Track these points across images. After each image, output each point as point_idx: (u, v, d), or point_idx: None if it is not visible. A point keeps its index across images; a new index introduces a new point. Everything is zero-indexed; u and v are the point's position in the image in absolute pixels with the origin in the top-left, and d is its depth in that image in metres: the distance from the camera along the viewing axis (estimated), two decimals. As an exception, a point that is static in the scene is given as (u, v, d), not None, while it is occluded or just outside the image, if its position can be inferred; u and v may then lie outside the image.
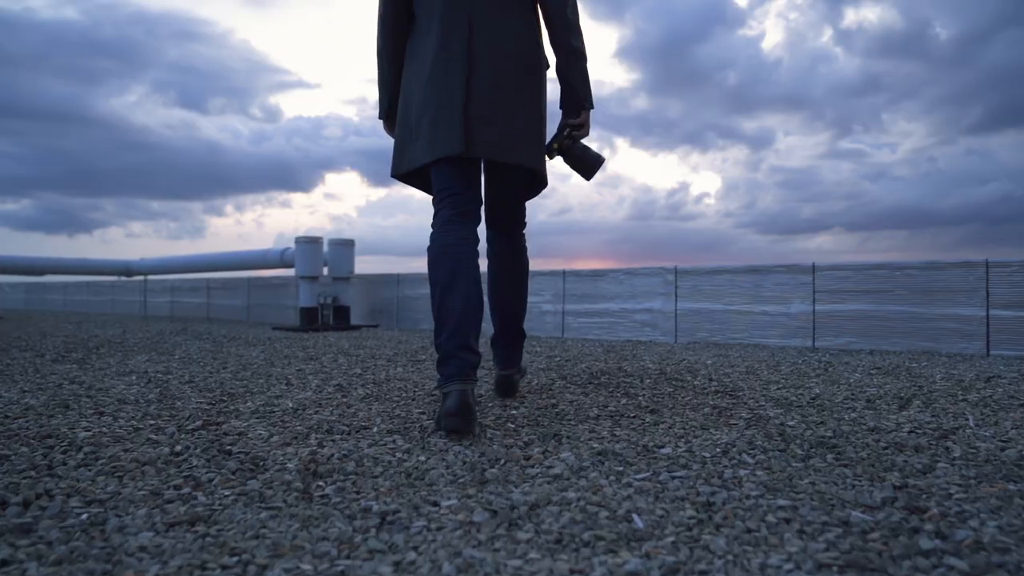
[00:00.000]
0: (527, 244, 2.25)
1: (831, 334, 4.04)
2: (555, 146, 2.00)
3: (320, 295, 6.21)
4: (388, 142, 2.13)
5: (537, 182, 2.09)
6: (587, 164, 2.03)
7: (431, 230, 1.89)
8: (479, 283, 1.83)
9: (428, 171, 1.98)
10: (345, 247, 6.32)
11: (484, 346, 3.71)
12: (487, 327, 3.96)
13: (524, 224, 2.23)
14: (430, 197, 1.98)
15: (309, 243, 6.07)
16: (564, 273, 5.18)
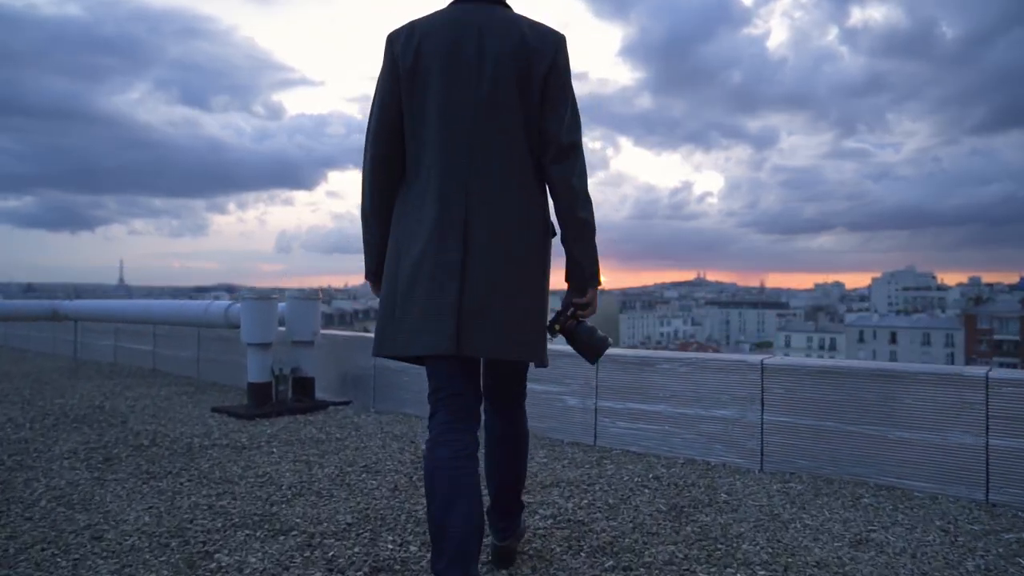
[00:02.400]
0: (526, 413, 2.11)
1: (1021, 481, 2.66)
2: (557, 327, 1.86)
3: (275, 365, 4.82)
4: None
5: (537, 365, 1.85)
6: (593, 348, 1.87)
7: (428, 429, 1.80)
8: (480, 498, 1.71)
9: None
10: (307, 303, 4.93)
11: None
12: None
13: (524, 396, 2.09)
14: None
15: (258, 301, 4.68)
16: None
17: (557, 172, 1.79)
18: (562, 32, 1.84)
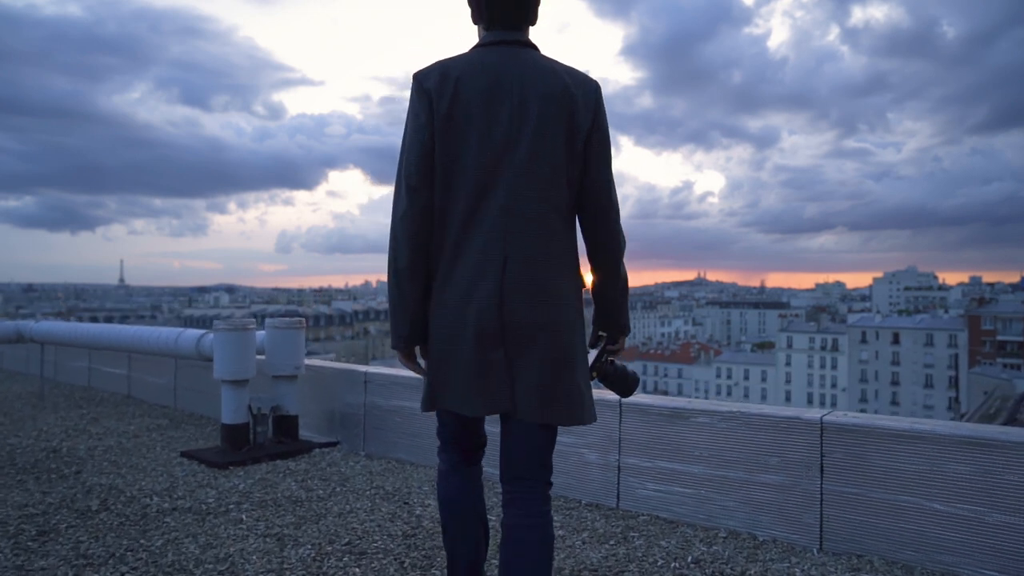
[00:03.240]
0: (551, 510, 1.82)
1: None
2: (594, 374, 1.89)
3: (253, 403, 4.29)
4: (392, 141, 0.91)
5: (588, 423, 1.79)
6: (627, 384, 1.95)
7: (437, 462, 1.96)
8: (486, 522, 1.95)
9: None
10: (289, 332, 4.39)
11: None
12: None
13: (550, 471, 1.79)
14: None
15: (233, 332, 4.14)
16: (620, 405, 3.26)
17: (603, 231, 1.79)
18: (597, 80, 1.81)
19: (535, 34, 1.82)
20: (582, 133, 1.73)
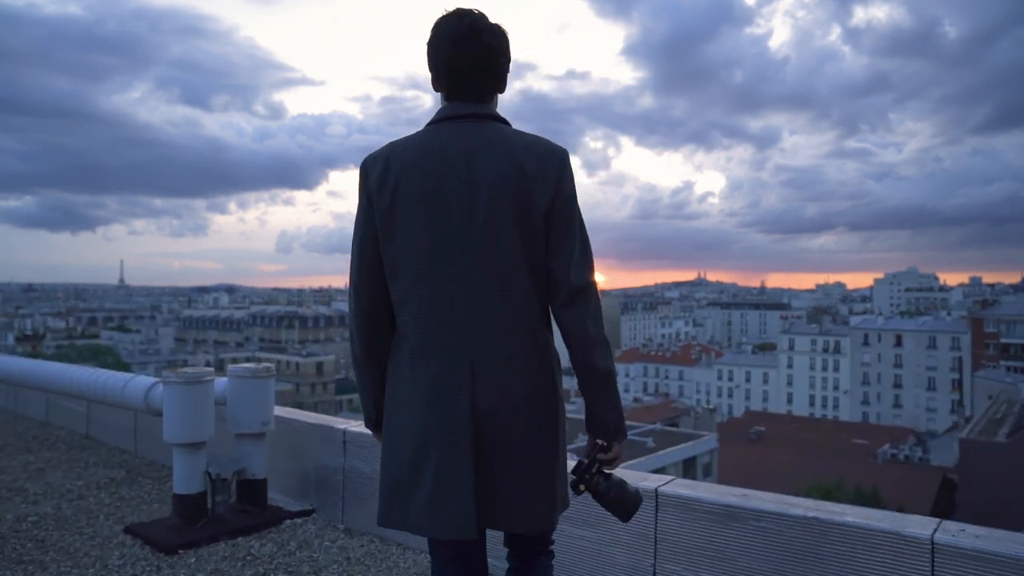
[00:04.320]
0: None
1: None
2: (582, 487, 1.65)
3: (212, 466, 3.63)
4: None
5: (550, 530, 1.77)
6: (625, 507, 1.68)
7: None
8: None
9: None
10: (255, 382, 3.72)
11: None
12: None
13: (548, 546, 1.80)
14: None
15: (186, 386, 3.47)
16: (657, 496, 2.60)
17: (569, 319, 1.62)
18: (563, 147, 1.64)
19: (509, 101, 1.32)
20: (540, 212, 1.58)
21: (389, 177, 1.59)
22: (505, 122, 1.66)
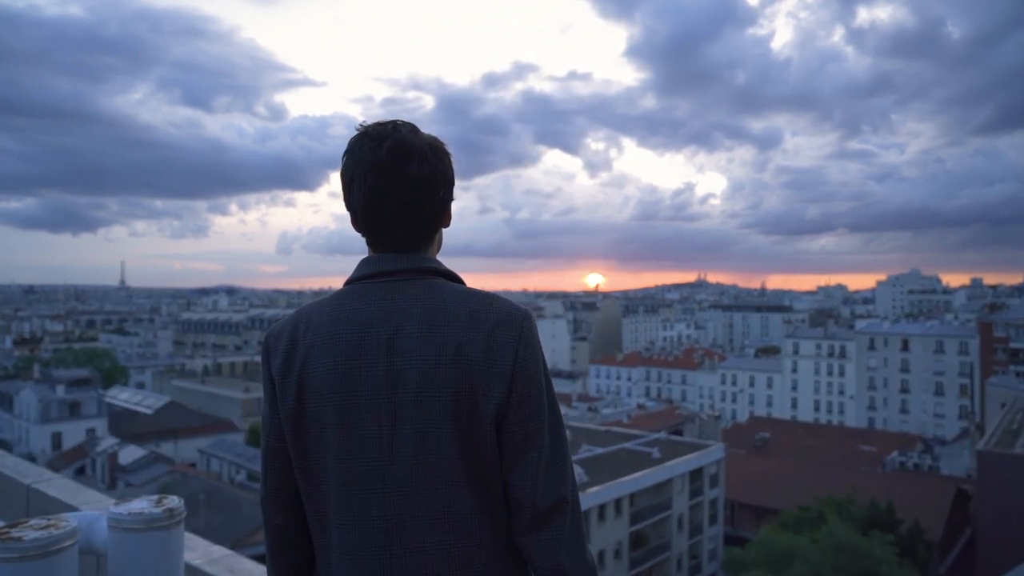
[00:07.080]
0: None
1: None
2: None
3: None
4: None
5: None
6: None
7: None
8: None
9: None
10: (155, 535, 2.62)
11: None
12: None
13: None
14: None
15: (24, 563, 2.38)
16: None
17: (535, 550, 1.24)
18: (524, 310, 1.25)
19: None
20: (488, 412, 1.20)
21: (294, 364, 1.27)
22: (449, 275, 1.30)
